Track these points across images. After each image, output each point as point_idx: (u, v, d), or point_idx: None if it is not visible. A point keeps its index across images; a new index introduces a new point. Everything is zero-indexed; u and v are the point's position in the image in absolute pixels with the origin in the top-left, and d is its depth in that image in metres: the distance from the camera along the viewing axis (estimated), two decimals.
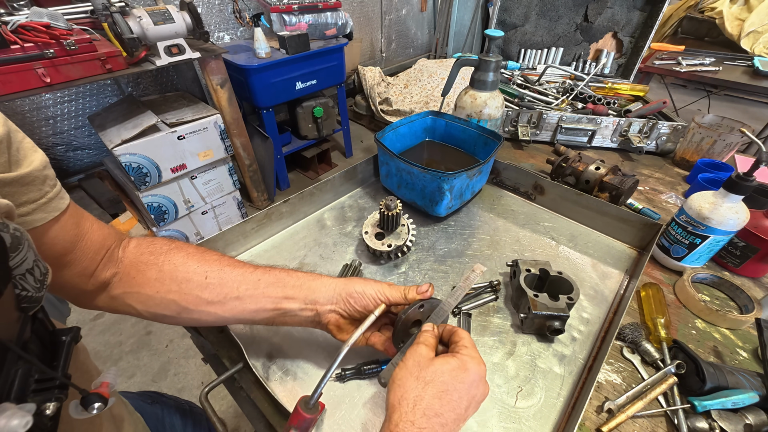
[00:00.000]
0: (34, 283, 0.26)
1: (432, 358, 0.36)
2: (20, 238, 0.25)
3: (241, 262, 0.44)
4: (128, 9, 1.28)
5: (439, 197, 0.71)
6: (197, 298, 0.41)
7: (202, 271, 0.42)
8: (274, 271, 0.44)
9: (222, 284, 0.41)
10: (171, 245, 0.43)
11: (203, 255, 0.43)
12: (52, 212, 0.33)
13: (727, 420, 0.44)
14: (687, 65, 2.03)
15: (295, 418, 0.38)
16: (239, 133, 1.82)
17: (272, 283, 0.43)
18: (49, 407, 0.24)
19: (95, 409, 0.27)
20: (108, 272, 0.40)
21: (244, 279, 0.42)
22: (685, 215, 0.62)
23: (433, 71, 2.83)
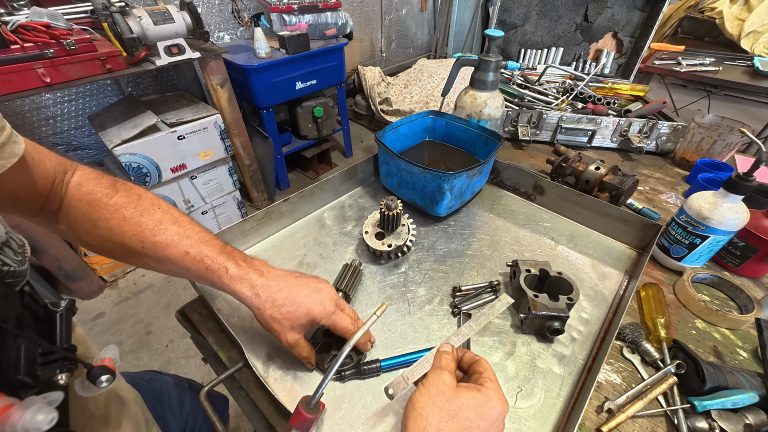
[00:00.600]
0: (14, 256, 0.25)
1: (456, 389, 0.34)
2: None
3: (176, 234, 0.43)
4: (128, 9, 1.28)
5: (439, 197, 0.71)
6: (137, 260, 0.43)
7: (138, 239, 0.41)
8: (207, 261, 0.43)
9: (157, 258, 0.42)
10: (110, 198, 0.41)
11: (140, 218, 0.42)
12: (9, 158, 0.29)
13: (727, 420, 0.44)
14: (687, 65, 2.03)
15: (296, 417, 0.38)
16: (239, 133, 1.82)
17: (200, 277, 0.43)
18: (62, 377, 0.23)
19: (104, 382, 0.26)
20: (54, 205, 0.39)
21: (176, 262, 0.42)
22: (685, 215, 0.62)
23: (433, 71, 2.83)
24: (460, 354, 0.40)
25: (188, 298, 0.62)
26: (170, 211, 0.44)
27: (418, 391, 0.34)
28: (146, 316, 1.63)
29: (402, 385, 0.38)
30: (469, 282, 0.63)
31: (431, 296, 0.61)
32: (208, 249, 0.43)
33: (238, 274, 0.42)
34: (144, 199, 0.44)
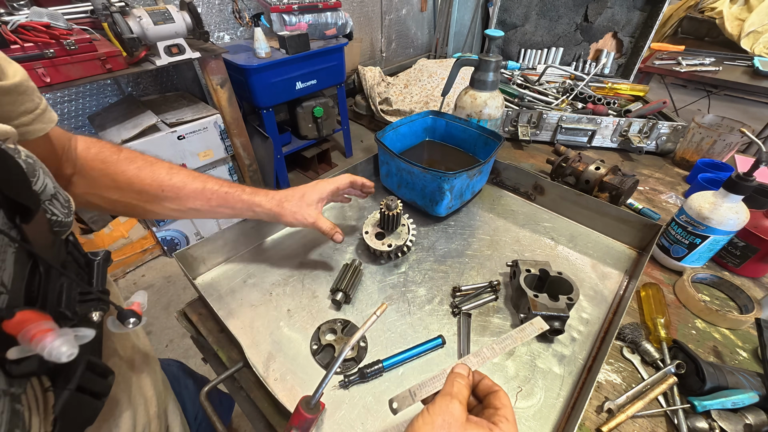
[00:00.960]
0: (61, 209, 0.28)
1: (464, 423, 0.30)
2: (34, 165, 0.26)
3: (187, 175, 0.50)
4: (128, 9, 1.28)
5: (439, 197, 0.71)
6: (161, 207, 0.48)
7: (156, 184, 0.47)
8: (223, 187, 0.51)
9: (179, 198, 0.48)
10: (119, 154, 0.46)
11: (152, 167, 0.47)
12: (49, 123, 0.34)
13: (727, 420, 0.44)
14: (687, 65, 2.03)
15: (296, 418, 0.38)
16: (239, 133, 1.82)
17: (221, 204, 0.51)
18: (96, 315, 0.27)
19: (131, 323, 0.29)
20: (68, 170, 0.42)
21: (197, 193, 0.49)
22: (685, 215, 0.62)
23: (433, 71, 2.83)
24: (477, 378, 0.35)
25: (188, 298, 0.62)
26: (172, 163, 0.51)
27: (421, 418, 0.30)
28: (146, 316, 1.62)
29: (408, 401, 0.35)
30: (469, 282, 0.63)
31: (431, 296, 0.61)
32: (220, 181, 0.52)
33: (253, 191, 0.53)
34: (146, 154, 0.49)
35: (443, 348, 0.53)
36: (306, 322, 0.56)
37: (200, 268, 0.64)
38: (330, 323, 0.56)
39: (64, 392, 0.24)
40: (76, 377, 0.25)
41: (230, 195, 0.51)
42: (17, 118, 0.31)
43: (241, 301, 0.60)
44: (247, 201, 0.52)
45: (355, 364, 0.50)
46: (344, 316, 0.57)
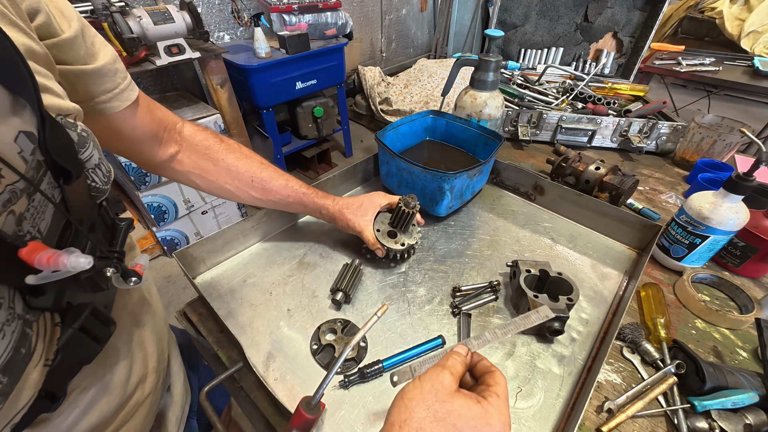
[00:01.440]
0: (102, 178, 0.33)
1: (453, 392, 0.31)
2: (86, 138, 0.30)
3: (274, 171, 0.59)
4: (128, 9, 1.28)
5: (439, 197, 0.71)
6: (247, 194, 0.57)
7: (249, 174, 0.56)
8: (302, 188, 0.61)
9: (264, 189, 0.57)
10: (221, 144, 0.55)
11: (248, 159, 0.56)
12: (125, 101, 0.40)
13: (727, 420, 0.44)
14: (687, 65, 2.03)
15: (296, 418, 0.38)
16: (239, 133, 1.82)
17: (297, 201, 0.60)
18: (109, 271, 0.30)
19: (132, 282, 0.33)
20: (172, 149, 0.50)
21: (280, 189, 0.58)
22: (685, 215, 0.62)
23: (433, 71, 2.83)
24: (476, 359, 0.36)
25: (188, 298, 0.62)
26: (262, 158, 0.59)
27: (412, 383, 0.32)
28: None
29: (407, 376, 0.37)
30: (469, 282, 0.63)
31: (431, 296, 0.61)
32: (298, 181, 0.61)
33: (323, 195, 0.62)
34: (243, 147, 0.57)
35: (443, 348, 0.53)
36: (306, 321, 0.56)
37: (200, 267, 0.64)
38: (330, 323, 0.56)
39: (69, 330, 0.28)
40: (81, 319, 0.28)
41: (306, 196, 0.60)
42: (97, 96, 0.37)
43: (241, 300, 0.60)
44: (318, 203, 0.61)
45: (355, 364, 0.50)
46: (344, 316, 0.57)
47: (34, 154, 0.24)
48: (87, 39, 0.34)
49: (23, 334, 0.24)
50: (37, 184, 0.25)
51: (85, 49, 0.34)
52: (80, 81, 0.35)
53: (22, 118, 0.23)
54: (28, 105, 0.24)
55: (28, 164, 0.24)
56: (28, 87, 0.23)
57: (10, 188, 0.22)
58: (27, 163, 0.24)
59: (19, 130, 0.23)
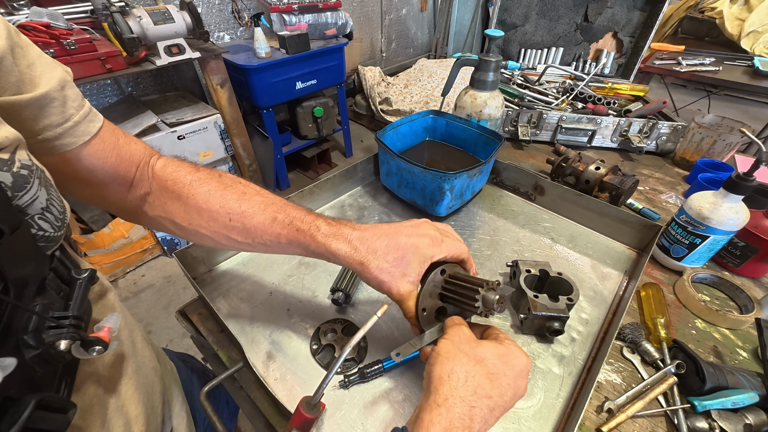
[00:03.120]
0: (54, 222, 0.26)
1: (478, 340, 0.34)
2: (28, 176, 0.24)
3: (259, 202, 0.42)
4: (128, 9, 1.28)
5: (439, 197, 0.71)
6: (226, 238, 0.42)
7: (225, 211, 0.41)
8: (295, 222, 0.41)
9: (246, 230, 0.41)
10: (194, 174, 0.42)
11: (225, 191, 0.41)
12: (82, 136, 0.32)
13: (727, 420, 0.44)
14: (687, 65, 2.03)
15: (296, 418, 0.38)
16: (239, 133, 1.82)
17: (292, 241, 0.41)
18: (63, 344, 0.24)
19: (95, 351, 0.27)
20: (142, 190, 0.41)
21: (266, 230, 0.41)
22: (685, 215, 0.62)
23: (433, 71, 2.83)
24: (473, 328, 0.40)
25: (188, 298, 0.62)
26: (251, 185, 0.44)
27: (442, 341, 0.33)
28: (146, 316, 1.63)
29: (409, 350, 0.38)
30: None
31: None
32: (295, 212, 0.41)
33: (330, 231, 0.39)
34: (224, 176, 0.43)
35: None
36: (306, 321, 0.56)
37: (200, 267, 0.64)
38: (330, 323, 0.56)
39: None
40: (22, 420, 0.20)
41: (302, 233, 0.40)
42: (40, 133, 0.29)
43: (241, 300, 0.60)
44: (321, 246, 0.40)
45: (356, 364, 0.50)
46: (344, 316, 0.57)
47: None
48: (20, 61, 0.27)
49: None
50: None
51: (17, 74, 0.27)
52: (12, 115, 0.27)
53: None
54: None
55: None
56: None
57: None
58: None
59: None
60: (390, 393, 0.48)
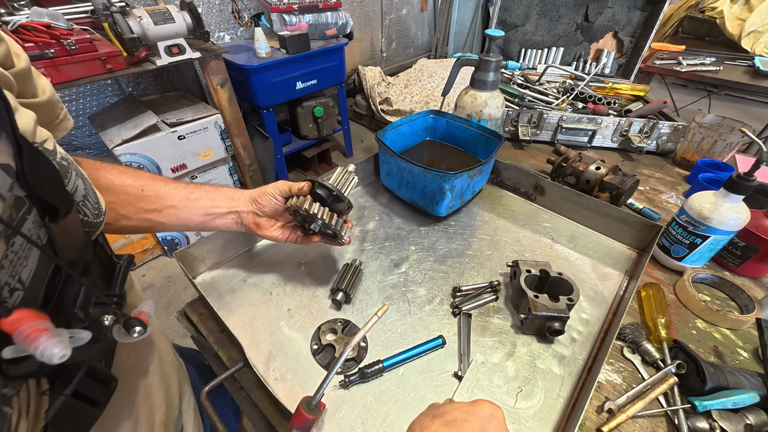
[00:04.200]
0: (92, 210, 0.29)
1: (446, 402, 0.37)
2: (67, 167, 0.27)
3: (170, 179, 0.50)
4: (128, 9, 1.28)
5: (439, 197, 0.71)
6: (136, 208, 0.46)
7: (138, 185, 0.46)
8: (201, 187, 0.51)
9: (158, 196, 0.47)
10: (101, 164, 0.46)
11: (135, 172, 0.47)
12: (63, 131, 0.37)
13: (728, 420, 0.44)
14: (687, 65, 2.02)
15: (297, 418, 0.38)
16: (239, 133, 1.82)
17: (201, 196, 0.50)
18: (107, 319, 0.27)
19: (136, 333, 0.28)
20: None
21: (177, 192, 0.48)
22: (686, 215, 0.62)
23: (434, 71, 2.83)
24: None
25: (188, 298, 0.62)
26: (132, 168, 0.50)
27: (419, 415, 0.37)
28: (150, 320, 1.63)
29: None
30: (470, 282, 0.63)
31: (431, 296, 0.61)
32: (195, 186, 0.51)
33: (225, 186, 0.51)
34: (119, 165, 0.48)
35: (443, 348, 0.53)
36: (306, 321, 0.56)
37: (200, 267, 0.64)
38: (330, 323, 0.56)
39: (60, 398, 0.23)
40: (74, 383, 0.24)
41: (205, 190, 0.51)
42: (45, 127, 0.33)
43: (242, 300, 0.60)
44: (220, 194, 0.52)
45: (356, 364, 0.50)
46: (344, 316, 0.57)
47: (12, 190, 0.21)
48: (33, 73, 0.32)
49: (0, 416, 0.20)
50: (17, 226, 0.21)
51: (33, 82, 0.32)
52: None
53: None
54: (2, 133, 0.21)
55: (5, 202, 0.21)
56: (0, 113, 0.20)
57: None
58: (4, 200, 0.20)
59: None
60: (390, 393, 0.48)
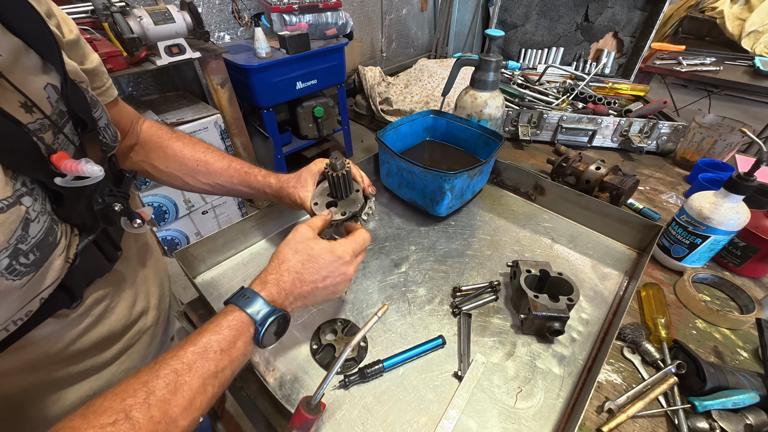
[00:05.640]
0: (110, 136, 0.39)
1: (310, 237, 0.44)
2: (96, 102, 0.37)
3: (219, 155, 0.59)
4: (129, 9, 1.28)
5: (440, 197, 0.71)
6: (194, 179, 0.58)
7: (194, 159, 0.57)
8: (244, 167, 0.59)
9: (209, 172, 0.57)
10: (172, 134, 0.58)
11: (195, 145, 0.58)
12: (108, 97, 0.47)
13: (728, 420, 0.44)
14: (687, 65, 2.02)
15: (297, 418, 0.38)
16: (239, 133, 1.82)
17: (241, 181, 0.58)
18: (117, 206, 0.37)
19: (137, 223, 0.39)
20: (131, 141, 0.55)
21: (223, 170, 0.58)
22: (686, 215, 0.62)
23: (434, 71, 2.83)
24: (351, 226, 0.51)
25: (188, 298, 0.62)
26: (211, 145, 0.60)
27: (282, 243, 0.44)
28: None
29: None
30: (470, 282, 0.63)
31: (431, 296, 0.61)
32: (242, 162, 0.60)
33: (267, 173, 0.59)
34: (193, 137, 0.60)
35: (443, 348, 0.53)
36: (306, 321, 0.56)
37: (200, 267, 0.64)
38: (330, 323, 0.56)
39: (85, 239, 0.34)
40: (95, 233, 0.35)
41: (249, 175, 0.58)
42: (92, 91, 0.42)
43: None
44: (261, 181, 0.58)
45: (356, 364, 0.50)
46: (344, 316, 0.57)
47: (58, 103, 0.32)
48: (82, 44, 0.41)
49: (51, 227, 0.30)
50: (60, 127, 0.31)
51: (82, 51, 0.41)
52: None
53: (49, 75, 0.31)
54: (53, 68, 0.32)
55: (53, 108, 0.31)
56: (54, 53, 0.31)
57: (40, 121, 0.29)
58: (53, 107, 0.31)
59: (47, 82, 0.31)
60: (390, 393, 0.48)
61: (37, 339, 0.33)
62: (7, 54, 0.28)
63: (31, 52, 0.30)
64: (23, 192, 0.27)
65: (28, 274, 0.28)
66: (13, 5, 0.29)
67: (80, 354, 0.38)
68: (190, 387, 0.31)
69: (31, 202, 0.27)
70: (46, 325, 0.33)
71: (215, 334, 0.34)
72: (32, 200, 0.28)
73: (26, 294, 0.28)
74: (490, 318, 0.58)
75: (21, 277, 0.27)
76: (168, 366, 0.31)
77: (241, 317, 0.36)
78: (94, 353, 0.40)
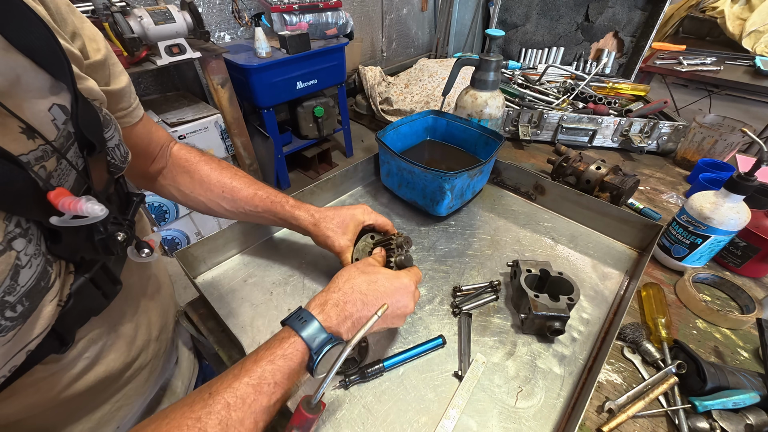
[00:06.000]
0: (120, 157, 0.37)
1: (376, 264, 0.46)
2: (110, 121, 0.35)
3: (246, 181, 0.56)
4: (129, 9, 1.28)
5: (440, 197, 0.71)
6: (218, 205, 0.56)
7: (220, 185, 0.55)
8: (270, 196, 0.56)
9: (234, 199, 0.55)
10: (200, 157, 0.56)
11: (222, 170, 0.56)
12: (134, 118, 0.45)
13: (728, 420, 0.44)
14: (688, 65, 2.02)
15: (297, 417, 0.38)
16: (240, 133, 1.83)
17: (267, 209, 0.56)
18: (120, 235, 0.34)
19: (144, 253, 0.36)
20: (160, 164, 0.53)
21: (249, 198, 0.55)
22: (686, 215, 0.62)
23: (434, 71, 2.83)
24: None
25: (189, 298, 0.62)
26: (239, 170, 0.58)
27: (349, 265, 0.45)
28: None
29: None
30: (470, 282, 0.63)
31: (432, 296, 0.61)
32: (271, 190, 0.57)
33: (296, 205, 0.56)
34: (222, 161, 0.58)
35: (444, 348, 0.53)
36: None
37: (201, 267, 0.64)
38: None
39: (81, 278, 0.31)
40: (92, 271, 0.32)
41: (275, 204, 0.56)
42: (114, 113, 0.40)
43: (242, 300, 0.60)
44: (288, 212, 0.56)
45: (356, 364, 0.50)
46: None
47: (66, 125, 0.29)
48: (110, 64, 0.39)
49: (45, 270, 0.27)
50: (64, 152, 0.29)
51: (109, 72, 0.39)
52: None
53: (58, 96, 0.29)
54: (65, 86, 0.29)
55: (59, 131, 0.29)
56: (65, 72, 0.29)
57: (43, 147, 0.27)
58: (59, 130, 0.29)
59: (53, 103, 0.28)
60: (390, 393, 0.48)
61: (22, 389, 0.30)
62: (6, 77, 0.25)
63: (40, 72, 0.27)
64: (16, 234, 0.24)
65: (14, 328, 0.25)
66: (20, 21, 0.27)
67: (73, 399, 0.35)
68: (243, 424, 0.31)
69: (23, 245, 0.25)
70: (33, 373, 0.30)
71: (270, 363, 0.34)
72: (25, 242, 0.25)
73: (10, 349, 0.25)
74: (491, 318, 0.58)
75: (5, 332, 0.24)
76: (221, 400, 0.30)
77: (296, 345, 0.36)
78: (89, 396, 0.37)
